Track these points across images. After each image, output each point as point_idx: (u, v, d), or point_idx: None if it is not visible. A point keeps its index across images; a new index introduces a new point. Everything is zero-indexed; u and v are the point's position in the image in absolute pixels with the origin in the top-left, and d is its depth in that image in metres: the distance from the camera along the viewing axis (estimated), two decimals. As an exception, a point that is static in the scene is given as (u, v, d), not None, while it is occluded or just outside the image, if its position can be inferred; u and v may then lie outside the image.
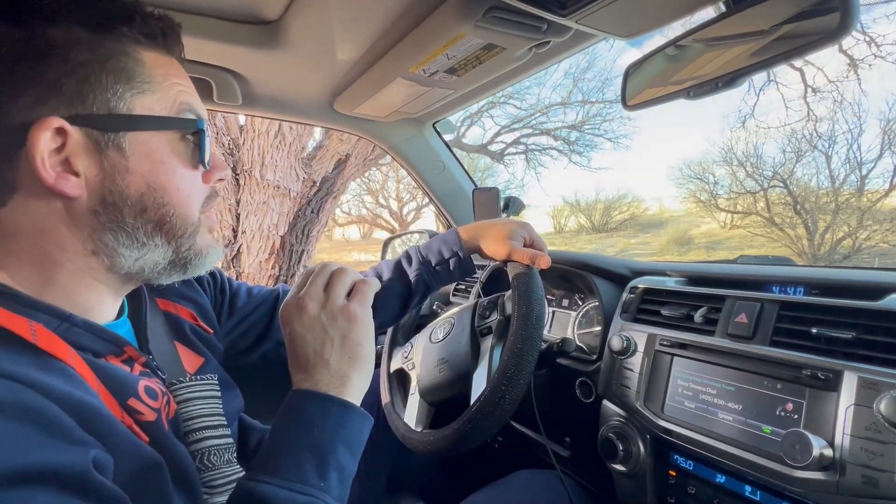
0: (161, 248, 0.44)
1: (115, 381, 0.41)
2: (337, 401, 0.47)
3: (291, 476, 0.41)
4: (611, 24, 0.67)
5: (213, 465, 0.49)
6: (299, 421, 0.45)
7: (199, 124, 0.45)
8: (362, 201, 12.70)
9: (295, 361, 0.50)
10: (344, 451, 0.45)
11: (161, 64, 0.44)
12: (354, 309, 0.51)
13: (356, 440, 0.47)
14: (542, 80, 10.08)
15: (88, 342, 0.41)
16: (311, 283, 0.52)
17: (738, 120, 7.81)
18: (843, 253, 6.42)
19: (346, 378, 0.49)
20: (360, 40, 0.80)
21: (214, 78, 0.92)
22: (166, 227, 0.44)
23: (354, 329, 0.50)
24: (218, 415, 0.52)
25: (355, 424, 0.47)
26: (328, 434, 0.45)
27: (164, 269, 0.46)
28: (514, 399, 0.62)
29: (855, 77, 6.44)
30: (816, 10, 0.53)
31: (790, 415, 0.59)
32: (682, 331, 0.75)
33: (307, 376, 0.48)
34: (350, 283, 0.53)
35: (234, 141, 2.80)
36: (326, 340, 0.49)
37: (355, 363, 0.50)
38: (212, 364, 0.60)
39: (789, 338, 0.63)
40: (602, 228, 11.86)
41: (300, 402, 0.47)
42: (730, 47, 0.63)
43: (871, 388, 0.52)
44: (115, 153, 0.40)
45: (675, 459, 0.73)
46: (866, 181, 6.69)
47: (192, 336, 0.59)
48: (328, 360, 0.48)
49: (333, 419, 0.46)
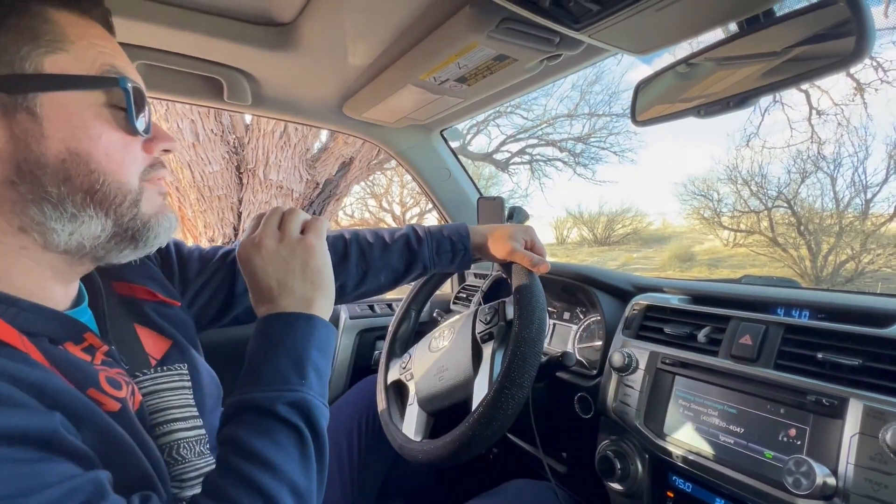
0: (98, 220, 0.41)
1: (73, 369, 0.39)
2: (301, 315, 0.49)
3: (274, 381, 0.44)
4: (623, 39, 0.67)
5: (183, 458, 0.48)
6: (272, 338, 0.47)
7: (121, 83, 0.41)
8: (366, 205, 12.71)
9: (259, 295, 0.51)
10: (318, 355, 0.47)
11: (76, 24, 0.41)
12: (311, 240, 0.52)
13: (326, 345, 0.49)
14: (550, 92, 10.12)
15: (42, 327, 0.39)
16: (265, 223, 0.53)
17: (743, 139, 7.83)
18: (846, 276, 6.38)
19: (310, 300, 0.50)
20: (372, 46, 0.81)
21: (225, 77, 0.93)
22: (98, 196, 0.40)
23: (314, 258, 0.51)
24: (188, 406, 0.51)
25: (322, 332, 0.49)
26: (300, 341, 0.47)
27: (111, 244, 0.43)
28: (517, 402, 0.61)
29: (861, 101, 6.45)
30: (831, 34, 0.53)
31: (793, 440, 0.58)
32: (684, 350, 0.74)
33: (273, 304, 0.49)
34: (302, 219, 0.55)
35: (240, 140, 2.81)
36: (288, 270, 0.50)
37: (318, 287, 0.51)
38: (181, 346, 0.56)
39: (794, 362, 0.62)
40: (604, 241, 11.84)
41: (269, 323, 0.48)
42: (742, 67, 0.63)
43: (878, 417, 0.51)
44: (26, 117, 0.37)
45: (673, 480, 0.71)
46: (871, 205, 6.67)
47: (155, 316, 0.56)
48: (292, 288, 0.50)
49: (302, 329, 0.48)
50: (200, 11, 0.74)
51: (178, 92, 0.97)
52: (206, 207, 2.76)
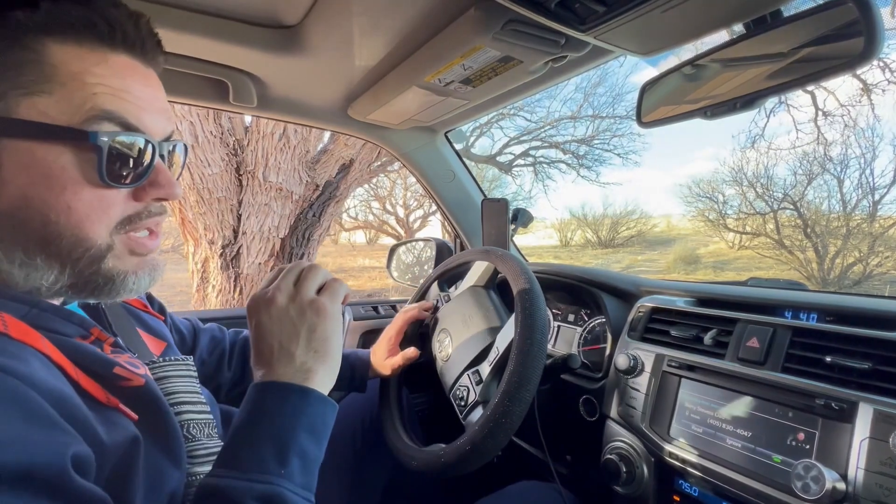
0: (53, 270, 0.39)
1: (93, 358, 0.41)
2: (295, 387, 0.45)
3: (251, 467, 0.40)
4: (629, 41, 0.67)
5: (193, 437, 0.50)
6: (258, 412, 0.44)
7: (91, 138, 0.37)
8: (369, 207, 12.75)
9: (258, 356, 0.48)
10: (306, 438, 0.43)
11: (80, 59, 0.37)
12: (324, 303, 0.49)
13: (319, 425, 0.45)
14: (554, 94, 10.13)
15: (58, 325, 0.41)
16: (282, 278, 0.50)
17: (748, 140, 7.79)
18: (854, 279, 6.33)
19: (310, 372, 0.46)
20: (377, 48, 0.81)
21: (231, 79, 0.93)
22: (52, 248, 0.38)
23: (323, 323, 0.48)
24: (194, 392, 0.52)
25: (316, 409, 0.45)
26: (287, 420, 0.43)
27: (69, 292, 0.41)
28: (525, 400, 0.61)
29: (868, 102, 6.41)
30: (839, 35, 0.52)
31: (802, 445, 0.57)
32: (690, 352, 0.73)
33: (269, 370, 0.46)
34: (321, 279, 0.51)
35: (239, 142, 2.82)
36: (293, 333, 0.47)
37: (321, 358, 0.48)
38: (173, 349, 0.60)
39: (802, 365, 0.61)
40: (608, 244, 11.81)
41: (259, 394, 0.45)
42: (749, 69, 0.63)
43: (888, 421, 0.51)
44: None
45: (679, 484, 0.71)
46: (879, 207, 6.62)
47: (150, 322, 0.61)
48: (293, 353, 0.46)
49: (293, 405, 0.44)
50: (206, 14, 0.74)
51: (183, 94, 0.98)
52: (205, 210, 2.77)
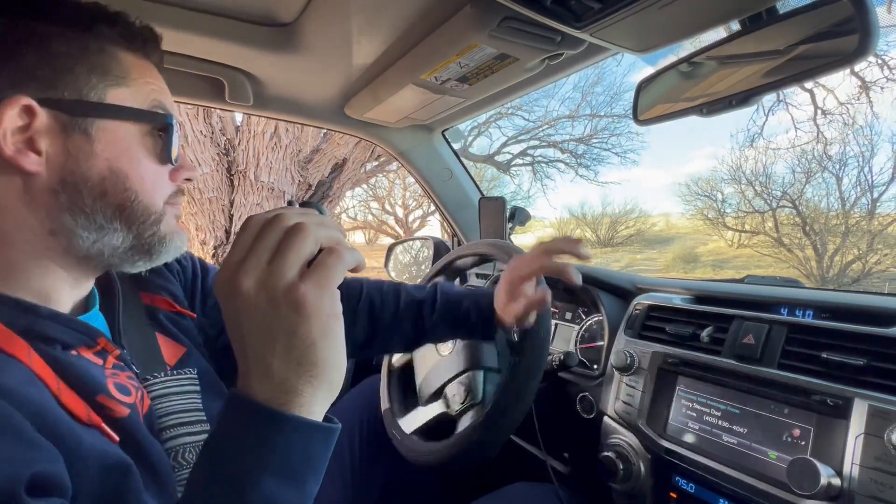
0: (121, 233, 0.45)
1: (81, 378, 0.41)
2: (266, 412, 0.33)
3: None
4: (625, 38, 0.67)
5: (188, 463, 0.48)
6: (224, 440, 0.34)
7: (168, 119, 0.47)
8: (368, 207, 12.75)
9: (237, 359, 0.36)
10: (274, 483, 0.32)
11: (138, 65, 0.47)
12: (304, 293, 0.33)
13: (298, 464, 0.34)
14: (551, 93, 10.12)
15: (57, 333, 0.41)
16: (252, 247, 0.34)
17: (746, 139, 7.80)
18: (853, 276, 6.34)
19: (293, 391, 0.34)
20: (373, 45, 0.81)
21: (227, 78, 0.93)
22: (127, 213, 0.44)
23: (305, 324, 0.33)
24: (196, 410, 0.51)
25: (294, 443, 0.33)
26: (252, 458, 0.33)
27: (126, 254, 0.46)
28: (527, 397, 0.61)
29: (866, 100, 6.41)
30: (834, 32, 0.52)
31: (797, 441, 0.57)
32: (687, 349, 0.73)
33: (244, 381, 0.35)
34: (309, 250, 0.34)
35: (230, 141, 2.81)
36: (267, 337, 0.33)
37: (307, 372, 0.34)
38: (193, 355, 0.57)
39: (798, 361, 0.62)
40: (607, 243, 11.81)
41: (229, 412, 0.35)
42: (745, 66, 0.63)
43: (883, 417, 0.51)
44: (81, 137, 0.42)
45: (676, 481, 0.71)
46: (877, 204, 6.63)
47: (170, 325, 0.58)
48: (269, 366, 0.33)
49: (265, 438, 0.33)
50: (202, 12, 0.74)
51: (179, 92, 0.98)
52: (196, 210, 2.76)
